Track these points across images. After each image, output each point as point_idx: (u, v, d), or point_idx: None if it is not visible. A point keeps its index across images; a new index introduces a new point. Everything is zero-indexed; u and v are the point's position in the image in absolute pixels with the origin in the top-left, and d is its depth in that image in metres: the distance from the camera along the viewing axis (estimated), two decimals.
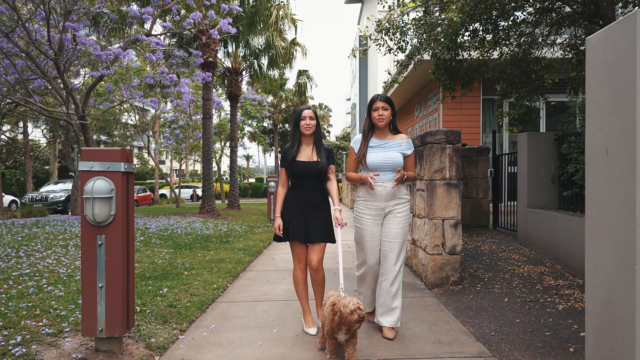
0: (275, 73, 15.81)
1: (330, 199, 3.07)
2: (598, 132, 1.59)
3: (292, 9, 12.91)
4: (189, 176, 44.01)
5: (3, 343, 2.68)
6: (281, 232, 3.00)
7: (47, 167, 31.23)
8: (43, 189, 19.09)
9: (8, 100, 11.70)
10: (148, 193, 25.56)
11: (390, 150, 2.95)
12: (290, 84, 24.89)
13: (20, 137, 26.02)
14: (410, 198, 4.33)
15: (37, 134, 29.05)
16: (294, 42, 14.31)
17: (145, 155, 47.74)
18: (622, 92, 1.45)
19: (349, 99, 48.30)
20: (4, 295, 3.61)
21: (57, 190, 18.90)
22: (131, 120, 21.45)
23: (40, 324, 3.03)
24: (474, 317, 3.30)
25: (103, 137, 32.75)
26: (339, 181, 26.67)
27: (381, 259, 3.01)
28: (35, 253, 5.38)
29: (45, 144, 27.96)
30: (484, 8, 4.62)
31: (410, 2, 6.53)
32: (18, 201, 21.59)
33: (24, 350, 2.59)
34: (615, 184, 1.50)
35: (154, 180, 31.37)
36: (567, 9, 5.98)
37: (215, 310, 3.62)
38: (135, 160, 45.13)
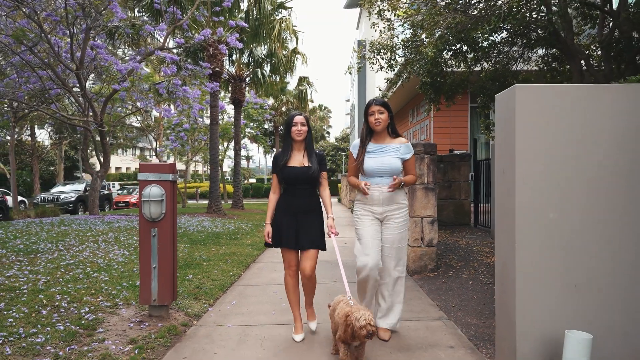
0: (276, 78, 16.59)
1: (323, 206, 3.08)
2: (500, 159, 2.42)
3: (294, 20, 13.62)
4: (190, 177, 44.75)
5: (76, 312, 3.51)
6: (270, 239, 3.02)
7: (51, 168, 32.02)
8: (54, 190, 19.86)
9: (24, 107, 12.51)
10: None
11: (386, 155, 2.93)
12: (290, 87, 25.68)
13: (25, 138, 26.73)
14: (408, 203, 4.89)
15: (43, 135, 29.80)
16: (294, 51, 15.13)
17: (148, 157, 48.60)
18: (509, 135, 2.28)
19: (347, 100, 49.13)
20: (61, 279, 4.43)
21: (66, 191, 19.64)
22: (137, 122, 22.23)
23: (98, 299, 3.86)
24: (442, 295, 4.13)
25: (108, 139, 33.52)
26: (338, 182, 27.45)
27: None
28: (72, 247, 6.19)
29: (49, 145, 28.68)
30: (455, 41, 5.45)
31: (401, 12, 7.33)
32: (26, 201, 22.41)
33: (93, 316, 3.41)
34: (507, 192, 2.32)
35: None
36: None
37: (234, 291, 4.45)
38: (137, 162, 46.01)
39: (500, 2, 5.77)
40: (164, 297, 3.35)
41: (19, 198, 21.54)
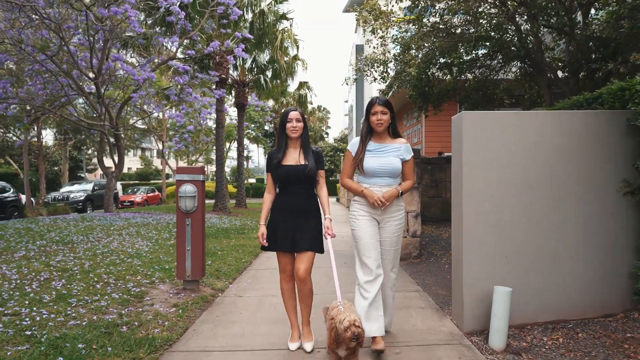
0: (277, 82, 17.38)
1: (320, 206, 2.94)
2: (455, 166, 3.27)
3: (295, 30, 14.36)
4: None
5: (123, 286, 4.34)
6: (264, 241, 2.86)
7: (55, 168, 32.77)
8: (63, 189, 20.67)
9: (41, 110, 13.31)
10: (156, 193, 27.20)
11: (387, 156, 2.84)
12: (290, 89, 26.50)
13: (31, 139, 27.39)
14: (405, 205, 5.49)
15: (48, 136, 30.50)
16: (295, 58, 15.95)
17: (149, 157, 49.46)
18: (459, 149, 3.13)
19: (346, 101, 49.94)
20: (102, 263, 5.26)
21: (75, 190, 20.43)
22: (142, 124, 23.04)
23: (138, 278, 4.69)
24: (421, 276, 4.98)
25: (111, 139, 34.23)
26: (337, 182, 28.26)
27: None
28: (101, 239, 7.02)
29: (54, 146, 29.40)
30: (440, 56, 6.30)
31: (397, 19, 8.13)
32: (33, 200, 23.18)
33: (138, 289, 4.24)
34: (458, 190, 3.18)
35: (159, 181, 33.10)
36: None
37: (248, 274, 5.29)
38: (139, 161, 46.85)
39: (481, 22, 6.61)
40: (195, 273, 4.19)
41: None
